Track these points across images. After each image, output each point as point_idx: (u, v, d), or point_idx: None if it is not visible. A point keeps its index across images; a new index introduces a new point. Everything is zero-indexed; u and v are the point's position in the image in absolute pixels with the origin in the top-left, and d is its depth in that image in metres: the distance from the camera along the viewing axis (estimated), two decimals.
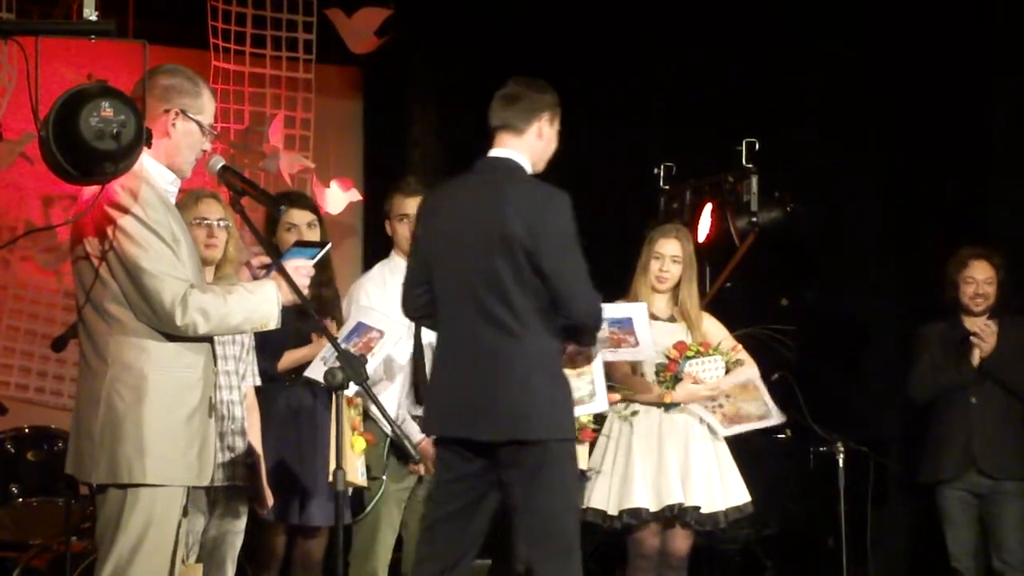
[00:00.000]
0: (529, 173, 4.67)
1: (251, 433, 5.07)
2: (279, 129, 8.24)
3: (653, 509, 5.74)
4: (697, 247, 6.29)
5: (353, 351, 4.94)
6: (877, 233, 8.01)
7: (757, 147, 7.38)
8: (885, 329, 7.86)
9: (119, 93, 3.69)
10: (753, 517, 6.08)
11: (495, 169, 4.66)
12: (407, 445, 4.69)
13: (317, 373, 5.24)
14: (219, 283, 4.77)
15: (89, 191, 3.87)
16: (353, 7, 8.36)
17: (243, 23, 8.16)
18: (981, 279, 6.57)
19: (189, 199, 4.92)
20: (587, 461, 5.68)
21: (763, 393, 5.91)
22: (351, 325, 5.41)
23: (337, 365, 4.23)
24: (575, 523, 4.63)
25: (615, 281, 5.74)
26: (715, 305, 6.78)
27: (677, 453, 5.78)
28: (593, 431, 5.69)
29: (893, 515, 7.44)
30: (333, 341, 4.36)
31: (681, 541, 5.82)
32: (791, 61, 8.05)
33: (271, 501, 5.14)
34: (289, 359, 5.53)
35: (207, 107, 4.06)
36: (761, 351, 6.10)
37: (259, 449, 5.09)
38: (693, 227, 7.45)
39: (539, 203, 4.55)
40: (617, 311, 5.25)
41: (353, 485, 5.14)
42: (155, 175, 3.97)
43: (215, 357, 4.08)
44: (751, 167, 7.40)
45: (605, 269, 4.70)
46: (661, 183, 7.86)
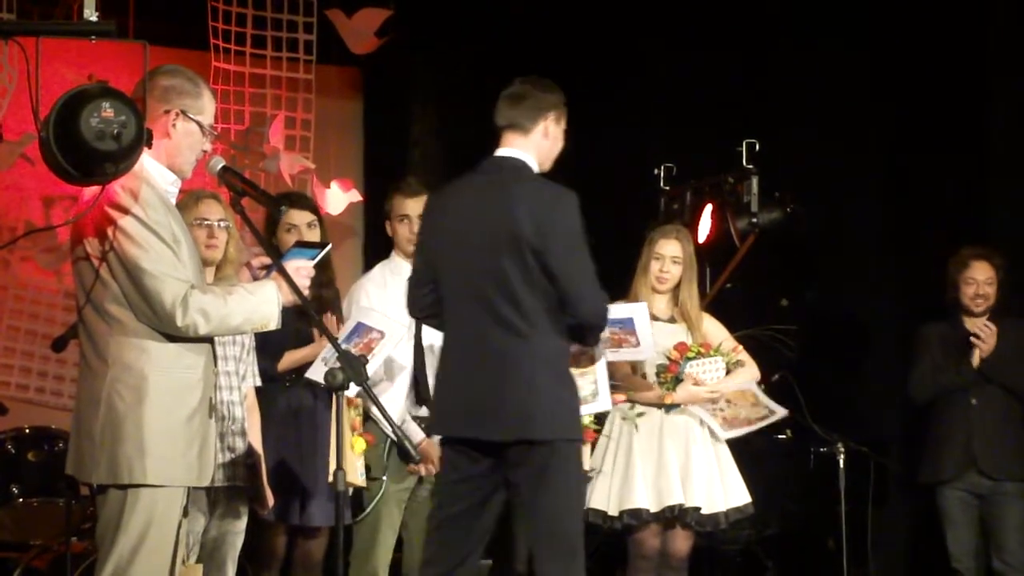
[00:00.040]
0: (536, 172, 4.66)
1: (251, 433, 5.07)
2: (279, 130, 8.24)
3: (654, 510, 5.73)
4: (697, 248, 6.28)
5: (354, 352, 4.93)
6: (877, 233, 8.00)
7: (757, 148, 7.38)
8: (885, 329, 7.85)
9: (120, 94, 3.69)
10: (754, 518, 6.08)
11: (502, 168, 4.64)
12: (407, 446, 4.68)
13: (318, 374, 5.24)
14: (219, 284, 4.78)
15: (90, 192, 3.87)
16: (353, 8, 8.36)
17: (243, 24, 8.16)
18: (982, 279, 6.57)
19: (189, 200, 4.92)
20: (588, 461, 5.67)
21: (762, 399, 5.91)
22: (351, 326, 5.40)
23: (338, 366, 4.23)
24: (580, 524, 4.62)
25: (615, 281, 5.73)
26: (715, 306, 6.77)
27: (678, 454, 5.78)
28: (594, 431, 5.68)
29: (893, 515, 7.44)
30: (333, 341, 4.35)
31: (682, 542, 5.82)
32: (791, 61, 8.05)
33: (271, 501, 5.13)
34: (289, 359, 5.53)
35: (207, 108, 4.06)
36: (761, 351, 6.10)
37: (259, 449, 5.08)
38: (693, 228, 7.45)
39: (547, 202, 4.53)
40: (618, 311, 5.24)
41: (352, 486, 5.13)
42: (156, 176, 3.96)
43: (215, 358, 4.07)
44: (751, 168, 7.40)
45: (605, 269, 4.69)
46: (661, 184, 7.87)
